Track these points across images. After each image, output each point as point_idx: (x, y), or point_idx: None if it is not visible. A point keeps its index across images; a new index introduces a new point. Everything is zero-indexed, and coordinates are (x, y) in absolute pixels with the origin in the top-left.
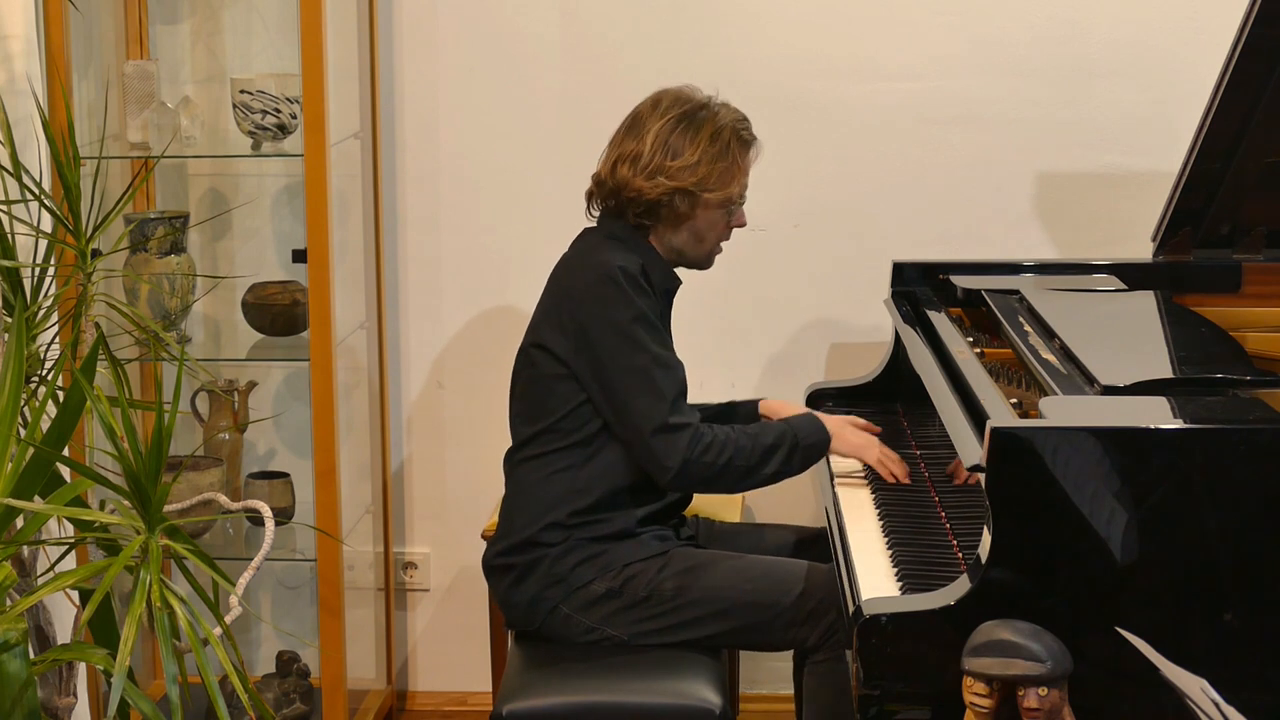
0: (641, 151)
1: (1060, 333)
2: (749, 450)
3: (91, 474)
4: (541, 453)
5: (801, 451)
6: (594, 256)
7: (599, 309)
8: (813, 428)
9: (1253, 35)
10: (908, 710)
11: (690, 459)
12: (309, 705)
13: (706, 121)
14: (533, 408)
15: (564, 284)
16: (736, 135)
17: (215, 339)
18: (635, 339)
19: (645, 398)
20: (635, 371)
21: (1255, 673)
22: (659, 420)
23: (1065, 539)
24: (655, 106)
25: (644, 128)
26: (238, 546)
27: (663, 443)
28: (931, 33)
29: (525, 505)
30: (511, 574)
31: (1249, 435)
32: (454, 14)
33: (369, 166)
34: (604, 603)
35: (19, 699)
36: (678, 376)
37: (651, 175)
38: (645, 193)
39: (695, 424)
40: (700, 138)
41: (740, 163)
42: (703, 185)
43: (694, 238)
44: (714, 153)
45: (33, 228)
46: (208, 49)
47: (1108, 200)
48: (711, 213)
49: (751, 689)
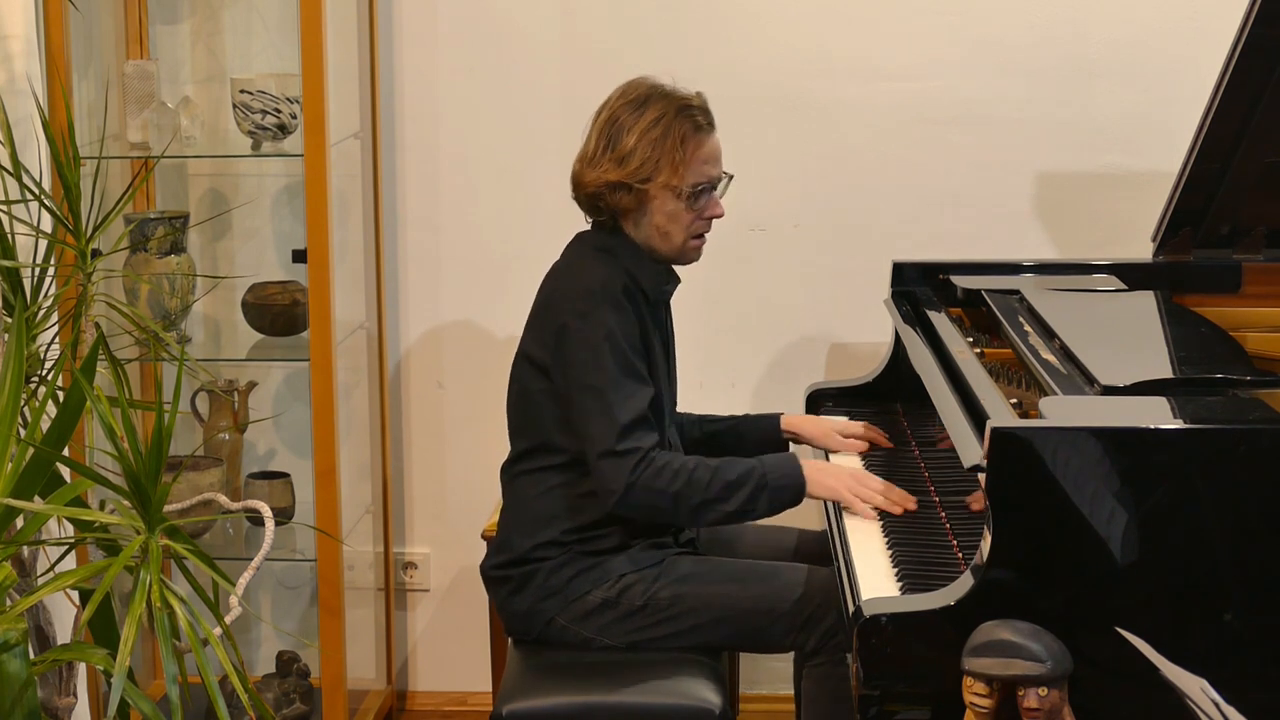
0: (589, 144)
1: (1060, 333)
2: (706, 483)
3: (91, 474)
4: (536, 468)
5: (769, 492)
6: (576, 272)
7: (571, 327)
8: (786, 469)
9: (1253, 35)
10: (908, 710)
11: (635, 484)
12: (309, 705)
13: (651, 107)
14: (524, 423)
15: (547, 299)
16: (684, 119)
17: (215, 339)
18: (598, 360)
19: (597, 420)
20: (591, 392)
21: (1255, 673)
22: (605, 444)
23: (1065, 539)
24: (614, 96)
25: (598, 118)
26: (238, 546)
27: (608, 466)
28: (931, 33)
29: (521, 521)
30: (508, 585)
31: (1249, 435)
32: (454, 14)
33: (369, 166)
34: (601, 613)
35: (19, 699)
36: (636, 402)
37: (593, 168)
38: (586, 187)
39: (646, 449)
40: (639, 125)
41: (685, 149)
42: (638, 175)
43: (656, 232)
44: (651, 139)
45: (33, 228)
46: (208, 49)
47: (1108, 200)
48: (664, 204)
49: (751, 689)
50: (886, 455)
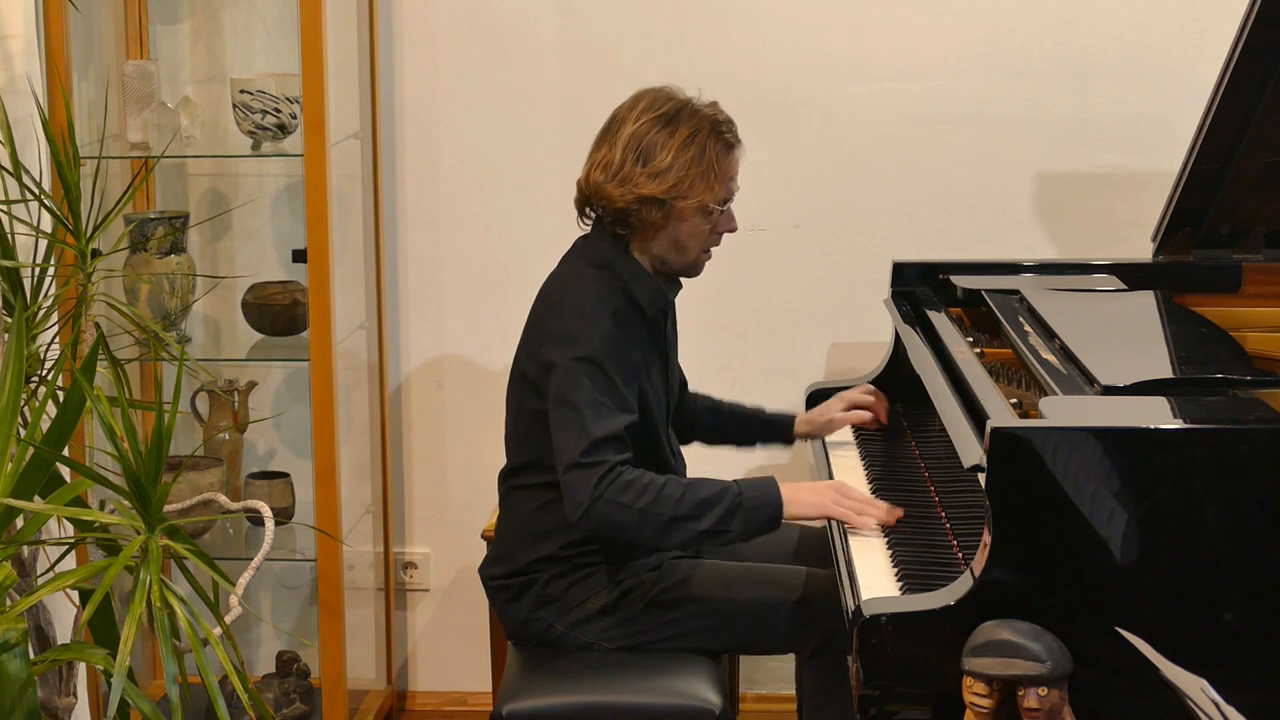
0: (614, 157)
1: (1060, 333)
2: (676, 499)
3: (91, 474)
4: (532, 484)
5: (743, 513)
6: (570, 290)
7: (558, 344)
8: (762, 490)
9: (1253, 35)
10: (908, 710)
11: (599, 497)
12: (309, 705)
13: (683, 124)
14: (519, 438)
15: (541, 317)
16: (716, 137)
17: (215, 339)
18: (579, 378)
19: (569, 433)
20: (567, 406)
21: (1255, 673)
22: (571, 457)
23: (1065, 539)
24: (633, 108)
25: (619, 131)
26: (238, 546)
27: (574, 479)
28: (931, 33)
29: (518, 534)
30: (506, 593)
31: (1249, 435)
32: (454, 14)
33: (369, 166)
34: (600, 619)
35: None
36: (611, 423)
37: (622, 183)
38: (615, 201)
39: (613, 462)
40: (674, 141)
41: (719, 167)
42: (675, 193)
43: (674, 246)
44: (688, 158)
45: (33, 228)
46: (208, 49)
47: (1108, 200)
48: (690, 220)
49: (751, 689)
50: (887, 455)
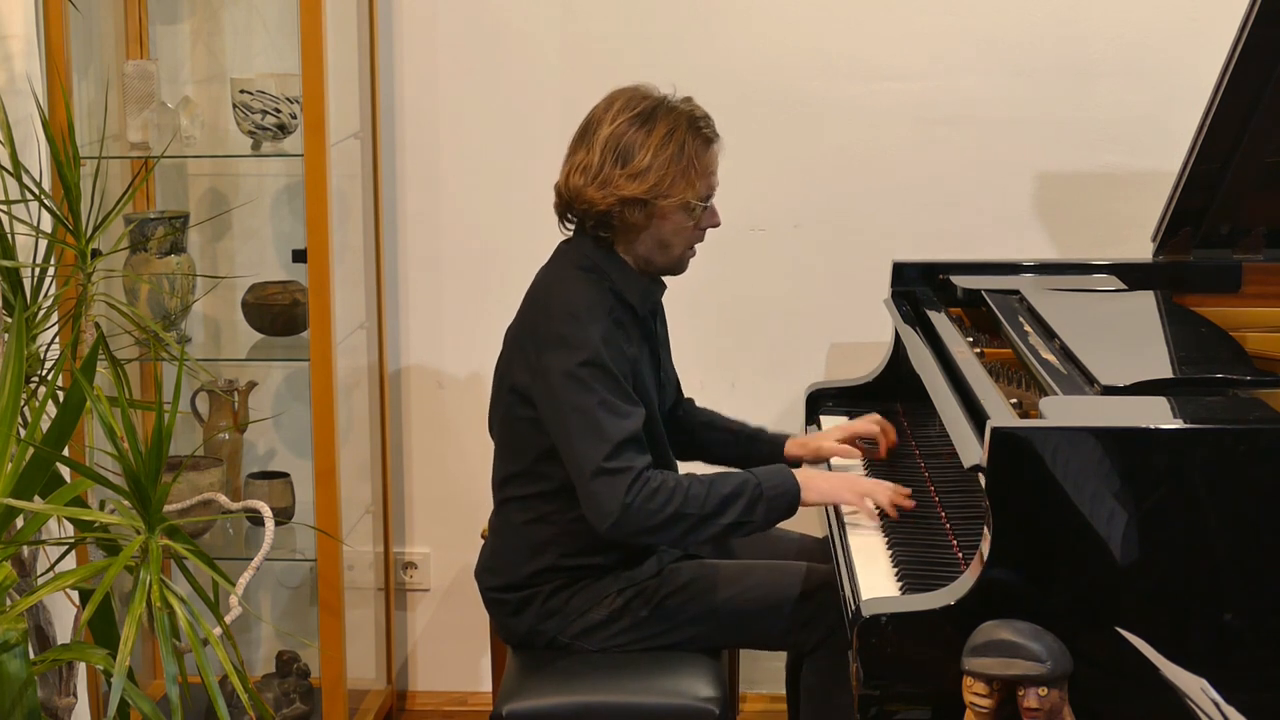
0: (592, 160)
1: (1060, 333)
2: (702, 498)
3: (91, 474)
4: (524, 495)
5: (765, 502)
6: (559, 294)
7: (555, 351)
8: (779, 478)
9: (1253, 35)
10: (908, 710)
11: (631, 504)
12: (309, 705)
13: (660, 121)
14: (509, 448)
15: (530, 323)
16: (694, 133)
17: (215, 339)
18: (584, 381)
19: (587, 440)
20: (580, 412)
21: (1255, 673)
22: (595, 462)
23: (1065, 539)
24: (608, 108)
25: (596, 133)
26: (238, 546)
27: (602, 486)
28: (931, 33)
29: (514, 547)
30: (506, 608)
31: (1249, 435)
32: (454, 14)
33: (369, 166)
34: (604, 627)
35: (19, 699)
36: (628, 423)
37: (602, 185)
38: (597, 204)
39: (639, 468)
40: (652, 140)
41: (699, 163)
42: (656, 192)
43: (659, 246)
44: (667, 156)
45: (33, 228)
46: (208, 49)
47: (1108, 200)
48: (673, 218)
49: (751, 689)
50: (887, 454)
